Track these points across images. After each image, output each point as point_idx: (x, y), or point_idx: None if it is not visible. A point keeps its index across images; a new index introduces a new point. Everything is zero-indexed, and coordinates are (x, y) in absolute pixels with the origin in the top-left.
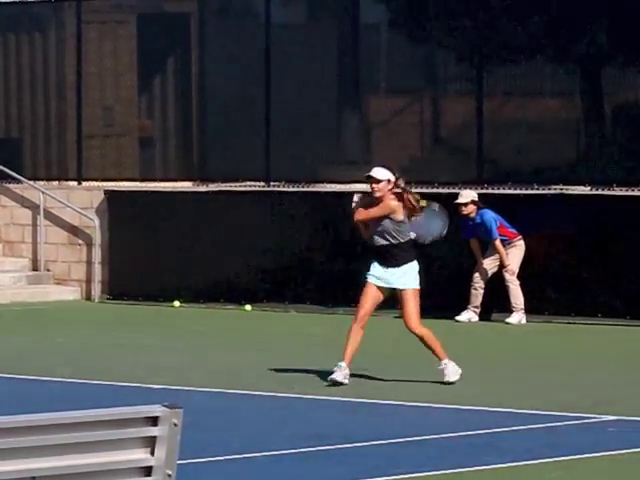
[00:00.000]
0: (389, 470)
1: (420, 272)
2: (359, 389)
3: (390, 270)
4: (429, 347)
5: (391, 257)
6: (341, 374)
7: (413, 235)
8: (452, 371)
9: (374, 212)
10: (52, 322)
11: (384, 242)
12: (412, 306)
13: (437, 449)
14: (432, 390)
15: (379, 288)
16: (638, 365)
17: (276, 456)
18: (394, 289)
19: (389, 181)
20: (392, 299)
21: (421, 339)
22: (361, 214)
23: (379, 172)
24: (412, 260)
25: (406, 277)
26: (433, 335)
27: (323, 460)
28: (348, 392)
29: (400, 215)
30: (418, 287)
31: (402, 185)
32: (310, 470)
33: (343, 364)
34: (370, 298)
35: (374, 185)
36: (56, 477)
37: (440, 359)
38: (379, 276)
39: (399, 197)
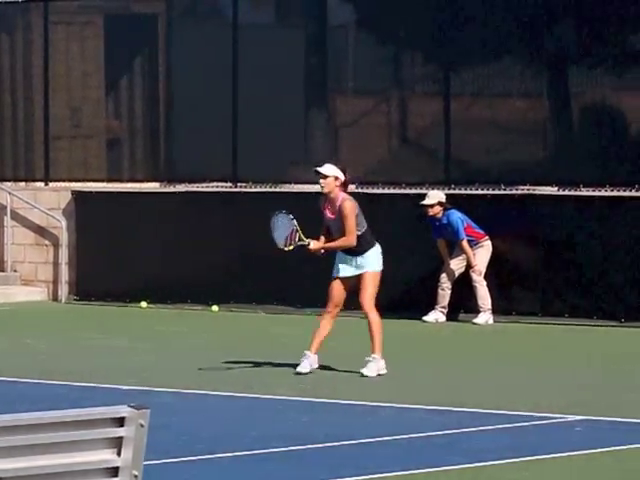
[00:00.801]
0: (354, 471)
1: (386, 268)
2: (323, 390)
3: (355, 259)
4: (371, 335)
5: (355, 247)
6: (307, 363)
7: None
8: (374, 368)
9: (352, 226)
10: (19, 323)
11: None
12: (371, 287)
13: (402, 449)
14: (398, 391)
15: (345, 280)
16: (604, 365)
17: (241, 457)
18: (359, 275)
19: (336, 178)
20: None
21: (369, 323)
22: (326, 246)
23: (328, 168)
24: (373, 245)
25: (367, 261)
26: (381, 327)
27: (288, 461)
28: (313, 392)
29: (356, 209)
30: (379, 270)
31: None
32: (275, 471)
33: (308, 352)
34: (337, 291)
35: (321, 180)
36: (22, 478)
37: (372, 352)
38: (344, 267)
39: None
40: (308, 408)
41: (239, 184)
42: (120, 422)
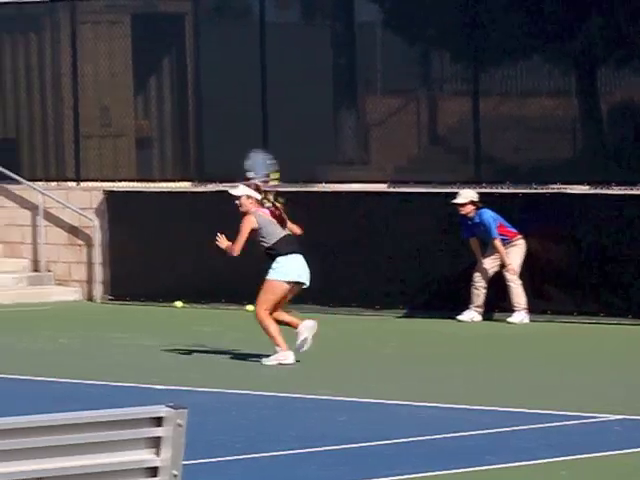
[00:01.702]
0: (391, 471)
1: (419, 268)
2: (362, 389)
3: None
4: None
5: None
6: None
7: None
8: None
9: (241, 238)
10: (54, 323)
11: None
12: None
13: (439, 449)
14: (433, 390)
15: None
16: None
17: (280, 456)
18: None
19: (248, 197)
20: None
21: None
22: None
23: (237, 189)
24: (282, 255)
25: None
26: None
27: (324, 461)
28: (350, 392)
29: (256, 224)
30: (277, 280)
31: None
32: (314, 471)
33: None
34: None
35: (236, 202)
36: (62, 478)
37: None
38: None
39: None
40: (344, 407)
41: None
42: (158, 422)
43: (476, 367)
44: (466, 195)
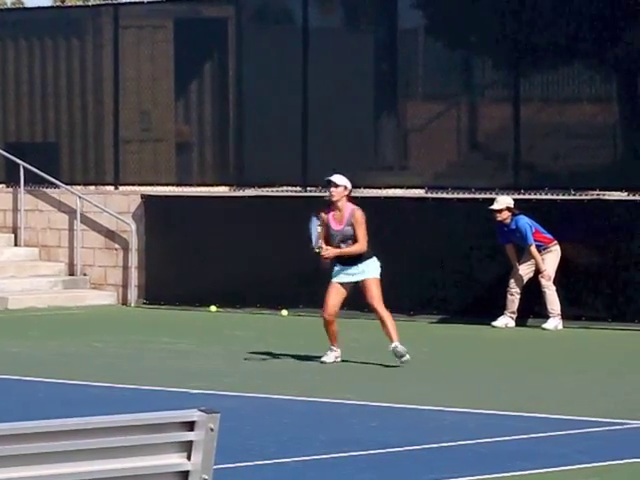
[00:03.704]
0: (422, 476)
1: (455, 273)
2: (394, 395)
3: (356, 266)
4: (385, 328)
5: (355, 257)
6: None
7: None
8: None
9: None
10: (89, 326)
11: (343, 246)
12: (375, 289)
13: (470, 455)
14: (466, 396)
15: (344, 285)
16: None
17: (312, 461)
18: (357, 282)
19: (345, 188)
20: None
21: (381, 319)
22: (342, 251)
23: (338, 178)
24: (372, 256)
25: (369, 268)
26: (391, 317)
27: (357, 466)
28: (382, 397)
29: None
30: (378, 277)
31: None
32: (344, 476)
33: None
34: (335, 295)
35: (332, 189)
36: None
37: (392, 340)
38: (344, 274)
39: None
40: (376, 413)
41: (308, 188)
42: (190, 426)
43: (509, 373)
44: (503, 201)
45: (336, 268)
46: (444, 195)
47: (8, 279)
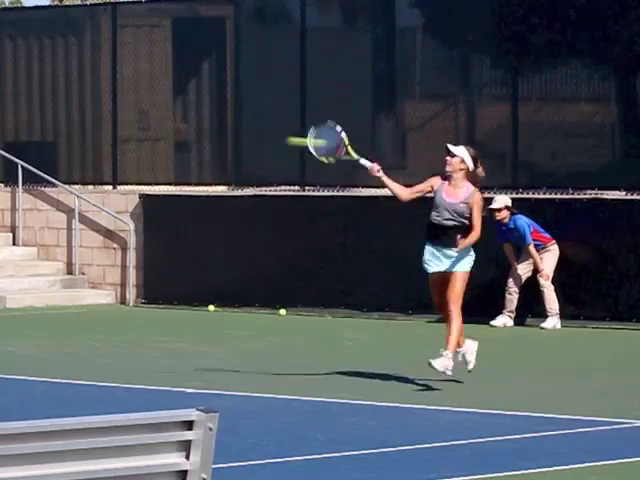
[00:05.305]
0: (421, 475)
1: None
2: (392, 394)
3: (445, 250)
4: (448, 331)
5: (449, 238)
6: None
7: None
8: (443, 363)
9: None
10: (87, 326)
11: (450, 222)
12: (459, 285)
13: (469, 454)
14: (465, 395)
15: (440, 275)
16: None
17: (310, 461)
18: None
19: (463, 161)
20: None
21: (449, 320)
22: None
23: (458, 148)
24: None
25: (460, 259)
26: (459, 327)
27: (355, 465)
28: (380, 397)
29: None
30: (469, 271)
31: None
32: (343, 475)
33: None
34: (438, 287)
35: (448, 158)
36: None
37: (446, 348)
38: (437, 262)
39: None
40: (374, 412)
41: (307, 187)
42: (189, 425)
43: (507, 372)
44: (501, 200)
45: (427, 247)
46: None
47: (6, 278)
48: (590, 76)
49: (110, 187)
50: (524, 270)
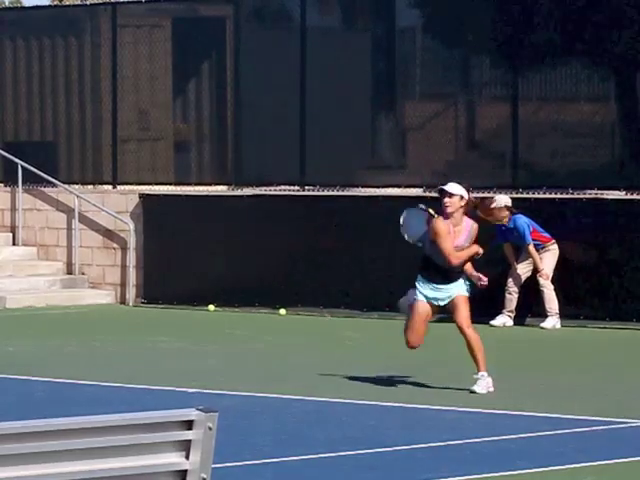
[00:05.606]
0: (421, 475)
1: None
2: (391, 394)
3: (441, 287)
4: (471, 353)
5: (448, 274)
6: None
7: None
8: (483, 384)
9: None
10: (87, 326)
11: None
12: (464, 308)
13: (469, 454)
14: (464, 395)
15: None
16: None
17: (310, 460)
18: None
19: (462, 197)
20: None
21: (468, 342)
22: (460, 257)
23: (453, 186)
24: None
25: (457, 288)
26: (481, 344)
27: (355, 465)
28: (380, 396)
29: None
30: (467, 295)
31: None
32: (342, 475)
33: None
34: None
35: (446, 199)
36: None
37: (479, 370)
38: (430, 295)
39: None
40: (373, 412)
41: (306, 187)
42: (189, 425)
43: (507, 372)
44: (501, 200)
45: (423, 283)
46: None
47: (6, 278)
48: (590, 76)
49: (110, 187)
50: (524, 270)
